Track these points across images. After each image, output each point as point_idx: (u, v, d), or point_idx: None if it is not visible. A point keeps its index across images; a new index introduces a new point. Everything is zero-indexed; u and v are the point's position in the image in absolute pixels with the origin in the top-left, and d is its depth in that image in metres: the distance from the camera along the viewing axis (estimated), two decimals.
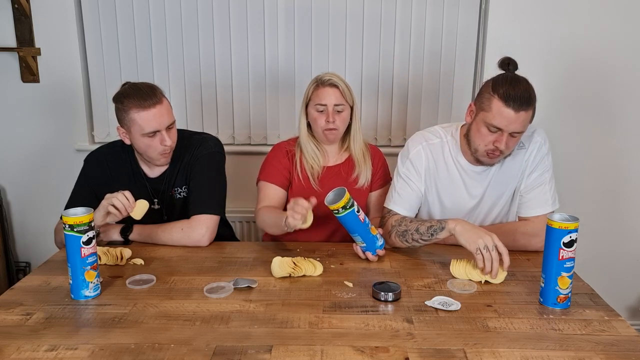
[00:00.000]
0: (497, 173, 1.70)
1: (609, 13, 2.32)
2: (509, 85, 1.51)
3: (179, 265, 1.56)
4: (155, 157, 1.72)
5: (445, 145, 1.72)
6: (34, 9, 2.37)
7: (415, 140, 1.76)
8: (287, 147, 1.90)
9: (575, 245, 1.28)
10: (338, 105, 1.78)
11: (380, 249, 1.59)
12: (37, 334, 1.18)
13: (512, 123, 1.51)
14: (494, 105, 1.52)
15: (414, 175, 1.73)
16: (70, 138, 2.51)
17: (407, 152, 1.75)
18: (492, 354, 1.11)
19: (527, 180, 1.69)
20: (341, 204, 1.50)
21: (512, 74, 1.56)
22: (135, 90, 1.66)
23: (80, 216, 1.31)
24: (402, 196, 1.73)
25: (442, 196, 1.75)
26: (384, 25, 2.40)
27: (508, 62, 1.58)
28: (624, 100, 2.42)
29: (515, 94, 1.49)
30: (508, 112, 1.50)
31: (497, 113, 1.51)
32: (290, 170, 1.86)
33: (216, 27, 2.41)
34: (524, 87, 1.51)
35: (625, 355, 1.12)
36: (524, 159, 1.68)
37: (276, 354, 1.11)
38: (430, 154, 1.72)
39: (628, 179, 2.50)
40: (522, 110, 1.49)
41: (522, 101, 1.49)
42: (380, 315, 1.27)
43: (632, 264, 2.59)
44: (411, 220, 1.65)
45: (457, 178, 1.72)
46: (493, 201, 1.74)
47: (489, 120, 1.53)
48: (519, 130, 1.53)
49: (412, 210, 1.75)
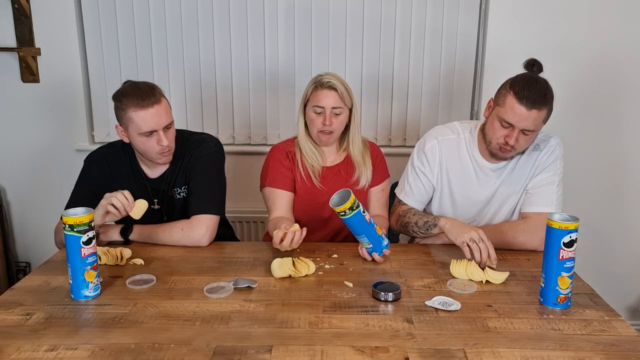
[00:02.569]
0: (511, 172, 1.74)
1: (609, 13, 2.32)
2: (525, 84, 1.55)
3: (179, 265, 1.56)
4: (154, 156, 1.72)
5: (462, 141, 1.77)
6: (34, 9, 2.37)
7: (431, 135, 1.80)
8: (287, 148, 1.89)
9: (575, 245, 1.28)
10: (335, 108, 1.77)
11: (387, 249, 1.59)
12: (37, 334, 1.18)
13: (524, 120, 1.54)
14: (508, 101, 1.56)
15: (427, 169, 1.78)
16: (70, 138, 2.51)
17: (422, 145, 1.80)
18: (492, 354, 1.11)
19: (535, 179, 1.72)
20: (347, 205, 1.49)
21: (533, 74, 1.59)
22: (135, 89, 1.66)
23: (80, 216, 1.31)
24: (412, 189, 1.81)
25: (454, 190, 1.78)
26: (384, 25, 2.40)
27: (533, 63, 1.61)
28: (624, 100, 2.42)
29: (530, 93, 1.53)
30: (520, 109, 1.53)
31: (510, 109, 1.55)
32: (292, 170, 1.86)
33: (216, 27, 2.41)
34: (540, 87, 1.55)
35: (625, 355, 1.12)
36: (536, 160, 1.72)
37: (276, 354, 1.11)
38: (445, 148, 1.77)
39: (628, 179, 2.51)
40: (535, 109, 1.53)
41: (536, 100, 1.52)
42: (380, 315, 1.27)
43: (632, 264, 2.59)
44: (414, 213, 1.73)
45: (471, 173, 1.76)
46: (503, 199, 1.76)
47: (502, 114, 1.58)
48: (530, 128, 1.56)
49: (422, 202, 1.82)
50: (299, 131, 1.86)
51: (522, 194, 1.75)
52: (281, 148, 1.90)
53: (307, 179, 1.84)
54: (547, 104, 1.55)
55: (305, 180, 1.84)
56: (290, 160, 1.86)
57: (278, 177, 1.84)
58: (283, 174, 1.84)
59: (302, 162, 1.85)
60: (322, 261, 1.59)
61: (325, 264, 1.57)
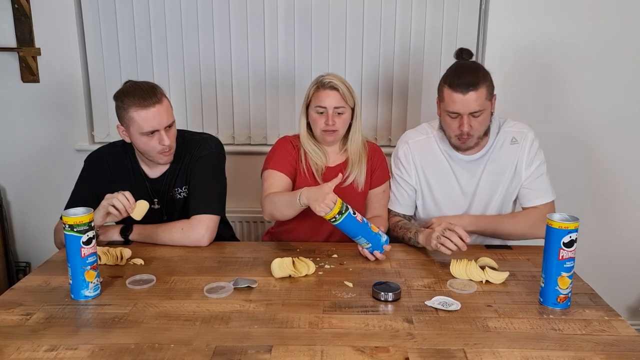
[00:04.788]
0: (489, 162, 1.79)
1: (609, 13, 2.32)
2: (455, 73, 1.66)
3: (179, 265, 1.56)
4: (155, 156, 1.72)
5: (432, 140, 1.84)
6: (34, 9, 2.37)
7: (402, 140, 1.89)
8: (294, 141, 1.89)
9: (575, 245, 1.28)
10: (338, 108, 1.78)
11: (387, 244, 1.59)
12: (37, 334, 1.18)
13: (465, 105, 1.63)
14: (445, 94, 1.66)
15: (405, 174, 1.85)
16: (70, 138, 2.51)
17: (396, 152, 1.89)
18: (492, 354, 1.11)
19: (527, 171, 1.77)
20: (335, 210, 1.48)
21: (461, 61, 1.70)
22: (136, 88, 1.66)
23: (80, 216, 1.31)
24: (397, 197, 1.88)
25: (434, 189, 1.84)
26: (384, 25, 2.40)
27: (461, 51, 1.73)
28: (625, 100, 2.42)
29: (460, 79, 1.63)
30: (457, 96, 1.63)
31: (450, 100, 1.65)
32: (297, 160, 1.85)
33: (216, 27, 2.41)
34: (469, 70, 1.65)
35: (625, 355, 1.12)
36: (517, 152, 1.77)
37: (276, 354, 1.11)
38: (417, 150, 1.84)
39: (628, 179, 2.50)
40: (471, 91, 1.61)
41: (469, 83, 1.61)
42: (380, 315, 1.27)
43: (632, 264, 2.59)
44: (400, 227, 1.79)
45: (447, 169, 1.82)
46: (490, 190, 1.80)
47: (445, 108, 1.68)
48: (475, 109, 1.63)
49: (408, 207, 1.89)
50: (301, 132, 1.86)
51: (511, 184, 1.79)
52: (288, 139, 1.90)
53: (309, 175, 1.84)
54: (481, 82, 1.62)
55: (306, 175, 1.84)
56: (296, 152, 1.86)
57: (281, 161, 1.82)
58: (287, 159, 1.83)
59: (306, 158, 1.85)
60: (322, 261, 1.59)
61: (325, 264, 1.57)
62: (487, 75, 1.67)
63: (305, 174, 1.84)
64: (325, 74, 1.81)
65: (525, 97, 2.40)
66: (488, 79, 1.66)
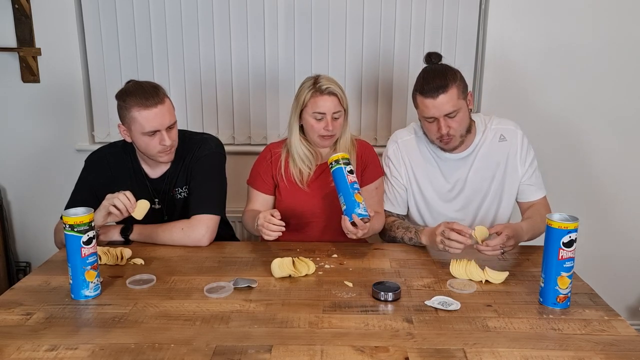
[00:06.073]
0: (477, 160, 1.81)
1: (609, 13, 2.32)
2: (423, 79, 1.69)
3: (179, 265, 1.56)
4: (156, 155, 1.72)
5: (421, 139, 1.86)
6: (34, 9, 2.37)
7: (391, 140, 1.92)
8: (273, 149, 1.90)
9: (575, 245, 1.28)
10: (336, 113, 1.78)
11: (360, 218, 1.54)
12: (37, 334, 1.18)
13: (438, 108, 1.65)
14: (418, 101, 1.70)
15: (396, 173, 1.87)
16: (70, 138, 2.51)
17: (386, 152, 1.92)
18: (492, 354, 1.12)
19: (523, 168, 1.81)
20: (334, 158, 1.61)
21: (430, 66, 1.72)
22: (138, 88, 1.66)
23: (81, 216, 1.31)
24: (389, 196, 1.90)
25: (423, 188, 1.86)
26: (383, 25, 2.40)
27: (430, 55, 1.74)
28: (625, 100, 2.42)
29: (428, 84, 1.65)
30: (429, 102, 1.66)
31: (423, 106, 1.68)
32: (274, 174, 1.87)
33: (216, 27, 2.41)
34: (436, 73, 1.67)
35: (625, 355, 1.12)
36: (507, 149, 1.80)
37: (276, 354, 1.11)
38: (406, 149, 1.87)
39: (628, 179, 2.50)
40: (441, 94, 1.64)
41: (438, 86, 1.64)
42: (380, 315, 1.28)
43: (632, 264, 2.59)
44: (398, 227, 1.78)
45: (434, 167, 1.84)
46: (483, 188, 1.82)
47: (421, 114, 1.72)
48: (449, 110, 1.66)
49: (402, 206, 1.91)
50: (292, 135, 1.85)
51: (504, 180, 1.81)
52: (268, 149, 1.91)
53: (288, 182, 1.84)
54: (449, 83, 1.64)
55: (286, 183, 1.84)
56: (275, 162, 1.86)
57: (258, 180, 1.87)
58: (262, 179, 1.87)
59: (286, 164, 1.85)
60: (322, 261, 1.59)
61: (325, 263, 1.58)
62: (456, 75, 1.69)
63: (285, 182, 1.85)
64: (318, 78, 1.79)
65: (525, 97, 2.40)
66: (457, 78, 1.68)
